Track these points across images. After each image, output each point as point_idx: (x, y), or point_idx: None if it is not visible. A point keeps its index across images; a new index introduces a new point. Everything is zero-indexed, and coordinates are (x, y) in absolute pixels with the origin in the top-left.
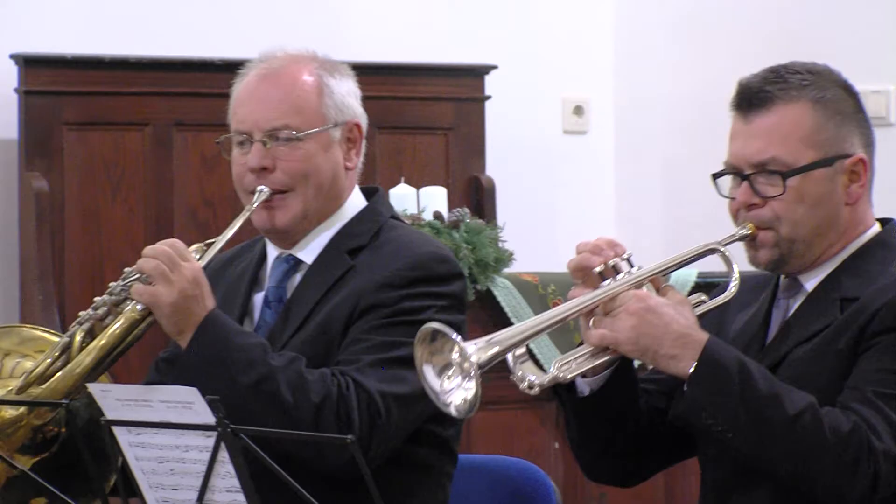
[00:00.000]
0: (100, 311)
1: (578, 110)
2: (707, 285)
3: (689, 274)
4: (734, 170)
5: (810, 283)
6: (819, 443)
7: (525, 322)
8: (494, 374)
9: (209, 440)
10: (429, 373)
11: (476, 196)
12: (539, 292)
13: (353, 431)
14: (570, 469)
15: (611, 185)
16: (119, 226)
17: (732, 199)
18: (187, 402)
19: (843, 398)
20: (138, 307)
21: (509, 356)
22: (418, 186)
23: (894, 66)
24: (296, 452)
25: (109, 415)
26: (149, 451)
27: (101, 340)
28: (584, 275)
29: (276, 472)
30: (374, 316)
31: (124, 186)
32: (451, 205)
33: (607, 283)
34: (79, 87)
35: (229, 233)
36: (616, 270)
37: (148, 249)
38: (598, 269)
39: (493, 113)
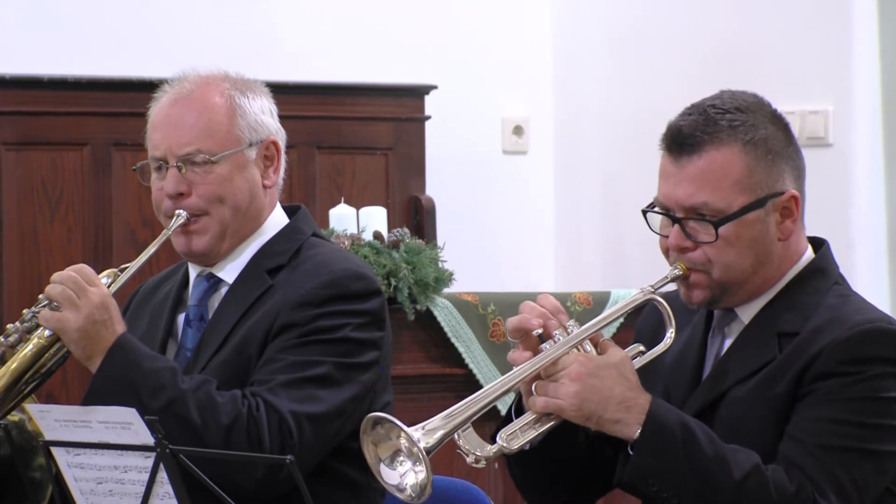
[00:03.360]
0: (11, 339)
1: (518, 130)
2: None
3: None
4: (665, 210)
5: (746, 314)
6: None
7: (468, 400)
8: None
9: (148, 461)
10: (384, 470)
11: (416, 216)
12: (479, 312)
13: (264, 452)
14: (509, 489)
15: (551, 205)
16: (58, 246)
17: (664, 236)
18: (126, 423)
19: (786, 451)
20: (46, 333)
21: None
22: (358, 206)
23: (833, 86)
24: (209, 473)
25: (48, 435)
26: (88, 472)
27: (12, 364)
28: (523, 334)
29: (216, 493)
30: (289, 335)
31: (63, 206)
32: (391, 225)
33: (547, 346)
34: (17, 106)
35: (143, 258)
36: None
37: (55, 275)
38: (537, 332)
39: (434, 133)
